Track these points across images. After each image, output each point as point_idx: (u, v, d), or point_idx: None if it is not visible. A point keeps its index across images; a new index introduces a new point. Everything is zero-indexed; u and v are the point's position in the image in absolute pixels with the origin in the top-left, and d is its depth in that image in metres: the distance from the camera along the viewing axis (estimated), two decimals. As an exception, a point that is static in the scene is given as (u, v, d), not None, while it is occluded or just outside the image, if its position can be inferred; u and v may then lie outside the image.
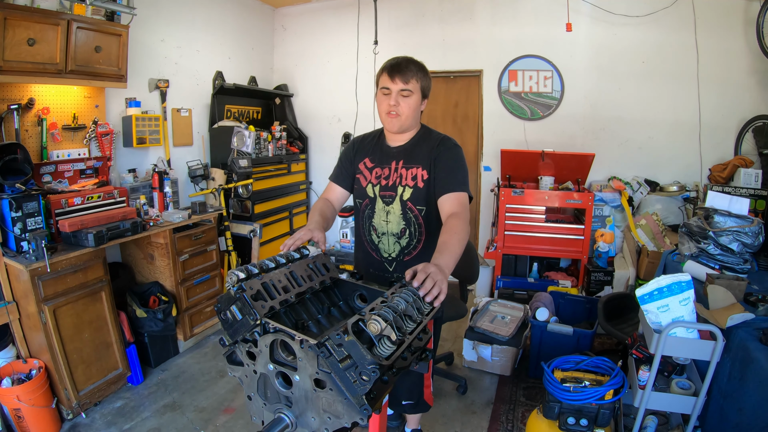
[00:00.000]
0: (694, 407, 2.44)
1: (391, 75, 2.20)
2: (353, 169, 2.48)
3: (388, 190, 2.36)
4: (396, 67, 2.20)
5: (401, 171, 2.34)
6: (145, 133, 4.31)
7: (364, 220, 2.46)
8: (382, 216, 2.39)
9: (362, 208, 2.46)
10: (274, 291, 1.62)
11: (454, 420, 3.40)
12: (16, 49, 3.16)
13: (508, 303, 4.27)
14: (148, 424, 3.34)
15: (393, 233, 2.39)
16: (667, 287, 2.42)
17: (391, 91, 2.21)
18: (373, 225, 2.43)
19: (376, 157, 2.42)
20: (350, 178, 2.49)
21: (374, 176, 2.40)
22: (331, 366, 1.36)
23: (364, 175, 2.43)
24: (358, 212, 2.50)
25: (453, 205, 2.14)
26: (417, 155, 2.33)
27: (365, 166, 2.43)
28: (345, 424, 1.44)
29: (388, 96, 2.23)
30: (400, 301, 1.51)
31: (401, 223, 2.37)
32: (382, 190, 2.37)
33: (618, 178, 5.06)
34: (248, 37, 6.03)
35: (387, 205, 2.37)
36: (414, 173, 2.32)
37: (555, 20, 5.07)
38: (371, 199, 2.41)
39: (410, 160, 2.34)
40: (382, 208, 2.38)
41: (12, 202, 3.10)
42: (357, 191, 2.48)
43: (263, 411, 1.61)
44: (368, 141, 2.49)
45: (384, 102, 2.25)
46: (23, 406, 3.02)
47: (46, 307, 3.13)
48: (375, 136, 2.49)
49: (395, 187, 2.35)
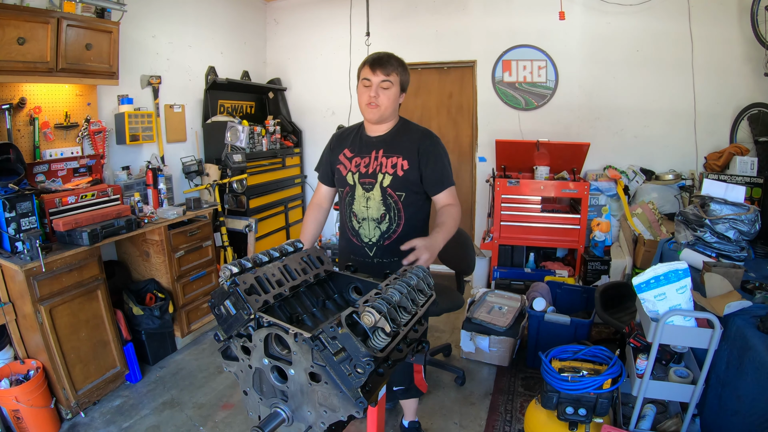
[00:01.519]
0: (692, 395, 2.43)
1: (373, 67, 2.30)
2: (333, 164, 2.59)
3: (367, 177, 2.46)
4: (378, 60, 2.32)
5: (381, 159, 2.45)
6: (138, 130, 4.29)
7: (346, 207, 2.56)
8: (362, 202, 2.48)
9: (344, 196, 2.55)
10: (268, 285, 1.61)
11: (452, 411, 3.41)
12: (6, 49, 3.13)
13: (505, 293, 4.27)
14: (147, 422, 3.34)
15: (373, 218, 2.48)
16: (664, 275, 2.41)
17: (372, 83, 2.32)
18: (353, 211, 2.52)
19: (355, 148, 2.52)
20: (333, 174, 2.61)
21: (353, 165, 2.49)
22: (325, 359, 1.35)
23: (344, 164, 2.52)
24: (341, 200, 2.59)
25: (447, 199, 2.46)
26: (397, 145, 2.45)
27: (345, 156, 2.53)
28: (341, 417, 1.43)
29: (368, 87, 2.33)
30: (395, 293, 1.50)
31: (381, 208, 2.46)
32: (361, 177, 2.47)
33: (614, 167, 5.06)
34: (240, 32, 5.99)
35: (367, 192, 2.47)
36: (394, 162, 2.43)
37: (548, 9, 5.04)
38: (351, 186, 2.50)
39: (390, 150, 2.45)
40: (362, 195, 2.47)
41: (5, 203, 3.07)
42: (338, 180, 2.57)
43: (259, 406, 1.61)
44: (347, 134, 2.61)
45: (365, 93, 2.35)
46: (22, 406, 3.01)
47: (42, 307, 3.11)
48: (355, 129, 2.60)
49: (375, 174, 2.45)
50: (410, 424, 3.13)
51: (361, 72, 2.36)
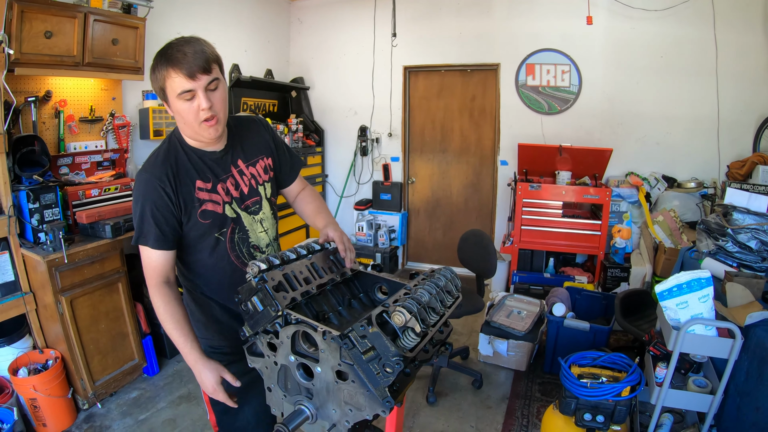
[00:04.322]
0: (710, 405, 2.44)
1: (190, 73, 1.60)
2: (182, 212, 1.79)
3: (247, 198, 1.95)
4: (185, 61, 1.60)
5: (249, 171, 1.98)
6: (162, 125, 4.33)
7: (235, 248, 1.92)
8: (258, 229, 2.00)
9: (229, 237, 1.90)
10: (296, 282, 1.61)
11: (469, 414, 3.41)
12: (33, 42, 3.17)
13: (525, 298, 4.26)
14: (164, 415, 3.38)
15: (273, 237, 2.09)
16: (687, 284, 2.42)
17: (196, 91, 1.64)
18: (252, 245, 1.98)
19: (207, 175, 1.85)
20: (177, 231, 1.80)
21: (223, 193, 1.87)
22: (353, 358, 1.35)
23: (211, 200, 1.84)
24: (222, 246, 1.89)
25: (301, 183, 2.26)
26: (250, 147, 2.00)
27: (203, 191, 1.83)
28: (366, 416, 1.43)
29: (192, 100, 1.66)
30: (424, 293, 1.50)
31: (274, 222, 2.10)
32: (241, 203, 1.93)
33: (636, 174, 5.02)
34: (264, 30, 6.03)
35: (255, 215, 1.98)
36: (264, 165, 2.03)
37: (572, 14, 5.04)
38: (234, 219, 1.90)
39: (248, 156, 1.99)
40: (251, 221, 1.97)
41: (30, 194, 3.13)
42: (209, 226, 1.84)
43: (283, 402, 1.61)
44: (177, 165, 1.80)
45: (189, 110, 1.67)
46: (40, 396, 3.05)
47: (63, 298, 3.16)
48: (179, 154, 1.83)
49: (255, 190, 1.99)
50: None
51: (168, 84, 1.64)
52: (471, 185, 6.08)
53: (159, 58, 1.64)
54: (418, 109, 6.12)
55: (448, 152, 6.10)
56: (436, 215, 6.36)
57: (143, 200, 1.73)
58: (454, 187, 6.17)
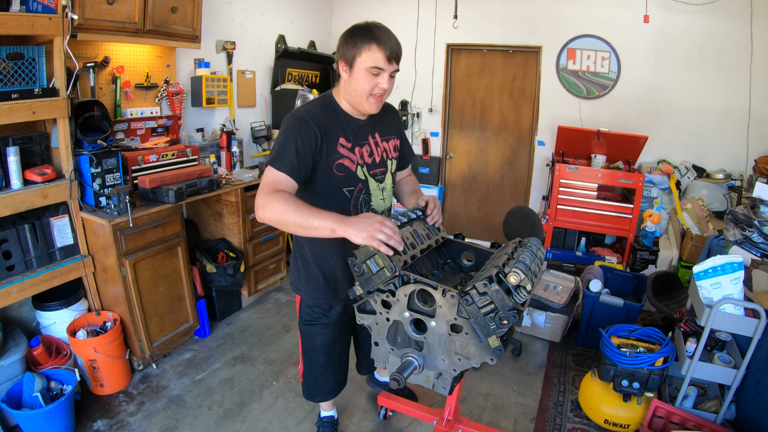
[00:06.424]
0: (734, 378, 2.68)
1: (389, 55, 1.92)
2: (322, 157, 2.00)
3: (377, 167, 2.19)
4: (390, 45, 1.92)
5: (383, 144, 2.22)
6: (213, 93, 4.41)
7: (358, 206, 2.15)
8: (379, 195, 2.21)
9: (355, 195, 2.13)
10: (406, 246, 1.77)
11: (510, 380, 3.59)
12: (96, 8, 3.16)
13: (559, 273, 4.40)
14: (220, 375, 3.49)
15: (387, 207, 2.30)
16: (721, 267, 2.65)
17: (384, 72, 1.95)
18: (372, 209, 2.19)
19: (350, 136, 2.09)
20: (308, 171, 1.98)
21: (359, 156, 2.10)
22: (470, 313, 1.51)
23: (349, 158, 2.07)
24: (346, 201, 2.12)
25: (409, 170, 2.53)
26: (386, 126, 2.26)
27: (344, 147, 2.06)
28: (474, 364, 1.60)
29: (377, 76, 1.95)
30: (526, 257, 1.66)
31: (391, 195, 2.32)
32: (370, 169, 2.16)
33: (667, 162, 5.13)
34: (308, 1, 6.05)
35: (380, 183, 2.21)
36: (394, 144, 2.29)
37: (615, 2, 5.11)
38: (363, 181, 2.13)
39: (384, 133, 2.24)
40: (376, 188, 2.19)
41: (92, 158, 3.16)
42: (341, 179, 2.08)
43: (389, 356, 1.77)
44: (328, 118, 2.04)
45: (370, 82, 1.95)
46: (99, 357, 3.11)
47: (127, 261, 3.20)
48: (331, 111, 2.09)
49: (384, 162, 2.22)
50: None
51: (367, 55, 1.91)
52: (507, 163, 6.17)
53: (362, 32, 1.92)
54: (459, 86, 6.18)
55: (487, 130, 6.18)
56: (471, 191, 6.46)
57: (293, 132, 1.94)
58: (491, 164, 6.26)
